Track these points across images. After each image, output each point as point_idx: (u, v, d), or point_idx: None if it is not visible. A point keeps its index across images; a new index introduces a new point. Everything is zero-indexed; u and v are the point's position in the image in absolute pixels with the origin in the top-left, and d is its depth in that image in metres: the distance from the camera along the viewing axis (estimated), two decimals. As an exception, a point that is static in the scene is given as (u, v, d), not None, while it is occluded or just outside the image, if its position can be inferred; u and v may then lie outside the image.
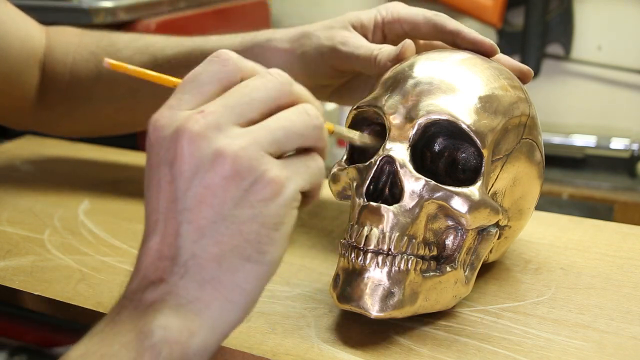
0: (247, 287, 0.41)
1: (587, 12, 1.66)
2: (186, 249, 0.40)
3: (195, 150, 0.40)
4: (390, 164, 0.53)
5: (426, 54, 0.60)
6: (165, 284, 0.40)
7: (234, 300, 0.41)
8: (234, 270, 0.40)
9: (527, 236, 0.69)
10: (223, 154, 0.40)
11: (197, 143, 0.40)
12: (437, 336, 0.53)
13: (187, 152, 0.40)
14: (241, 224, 0.40)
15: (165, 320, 0.39)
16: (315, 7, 1.92)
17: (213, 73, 0.42)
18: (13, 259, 0.68)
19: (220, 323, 0.41)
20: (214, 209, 0.40)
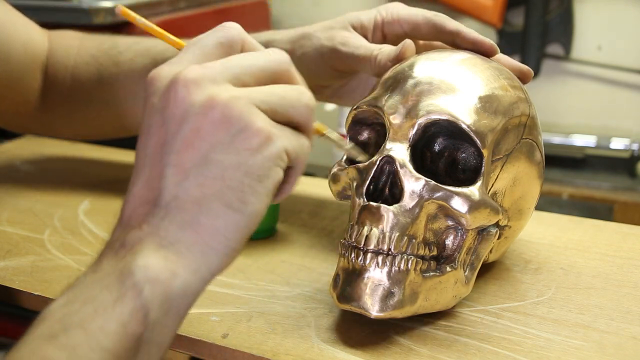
0: (228, 235, 0.41)
1: (587, 12, 1.66)
2: (169, 191, 0.41)
3: (188, 94, 0.41)
4: (390, 164, 0.53)
5: (426, 54, 0.60)
6: (146, 225, 0.41)
7: (215, 246, 0.41)
8: (214, 215, 0.41)
9: (527, 236, 0.69)
10: (215, 100, 0.41)
11: (190, 88, 0.41)
12: (437, 336, 0.53)
13: (180, 96, 0.41)
14: (225, 170, 0.41)
15: (145, 260, 0.40)
16: (315, 7, 1.92)
17: (216, 38, 0.44)
18: (13, 259, 0.68)
19: (201, 267, 0.41)
20: (199, 152, 0.41)
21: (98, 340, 0.38)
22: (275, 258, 0.67)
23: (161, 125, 0.42)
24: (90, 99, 0.81)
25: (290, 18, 1.96)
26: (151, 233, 0.41)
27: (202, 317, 0.57)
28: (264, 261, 0.66)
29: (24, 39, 0.79)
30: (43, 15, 1.38)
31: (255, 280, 0.63)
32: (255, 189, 0.42)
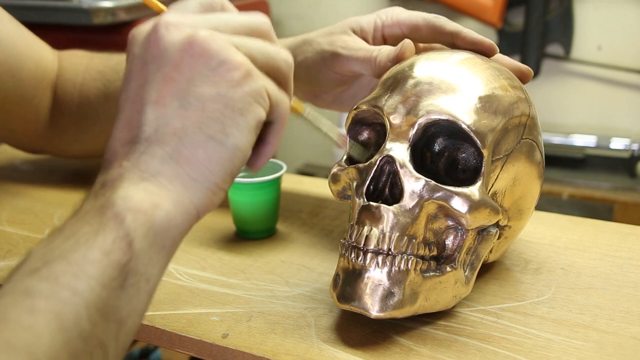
0: (210, 167, 0.42)
1: (587, 12, 1.66)
2: (149, 125, 0.41)
3: (167, 34, 0.42)
4: (390, 164, 0.53)
5: (426, 54, 0.60)
6: (126, 161, 0.41)
7: (196, 178, 0.42)
8: (195, 145, 0.41)
9: (527, 236, 0.69)
10: (194, 36, 0.42)
11: (170, 29, 0.42)
12: (437, 336, 0.53)
13: (160, 36, 0.42)
14: (205, 101, 0.42)
15: (125, 192, 0.40)
16: (315, 7, 1.92)
17: (197, 1, 0.45)
18: (13, 259, 0.68)
19: (184, 199, 0.41)
20: (179, 85, 0.42)
21: (81, 268, 0.37)
22: (275, 258, 0.67)
23: (142, 68, 0.43)
24: (97, 115, 0.81)
25: (290, 18, 1.96)
26: (131, 168, 0.41)
27: (202, 317, 0.57)
28: (264, 261, 0.66)
29: (36, 58, 0.79)
30: (43, 15, 1.38)
31: (255, 280, 0.63)
32: (237, 121, 0.42)
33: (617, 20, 1.64)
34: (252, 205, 0.69)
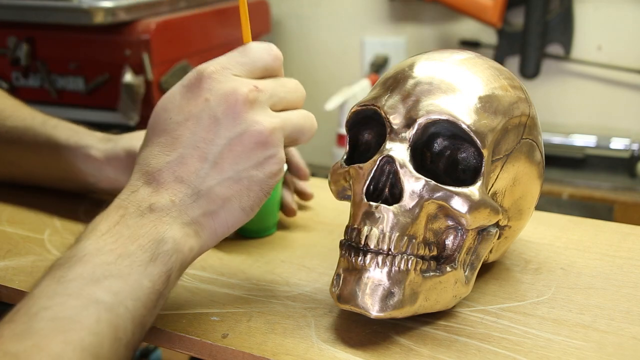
0: (230, 228, 0.52)
1: (587, 12, 1.66)
2: (206, 182, 0.50)
3: (244, 112, 0.51)
4: (390, 164, 0.53)
5: (426, 53, 0.60)
6: (177, 202, 0.50)
7: (218, 233, 0.52)
8: (231, 212, 0.52)
9: (527, 236, 0.69)
10: (264, 125, 0.51)
11: (246, 107, 0.51)
12: (437, 336, 0.53)
13: (238, 111, 0.51)
14: (251, 182, 0.51)
15: (175, 232, 0.49)
16: (315, 7, 1.91)
17: (265, 63, 0.54)
18: (13, 259, 0.68)
19: (206, 244, 0.52)
20: (239, 161, 0.51)
21: (135, 290, 0.46)
22: (275, 258, 0.67)
23: (214, 124, 0.51)
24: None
25: (290, 18, 1.96)
26: (180, 210, 0.50)
27: (202, 317, 0.57)
28: (264, 261, 0.66)
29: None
30: (43, 15, 1.38)
31: (255, 280, 0.63)
32: (262, 200, 0.53)
33: (617, 20, 1.64)
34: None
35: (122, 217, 0.49)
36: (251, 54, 0.54)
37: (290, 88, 0.55)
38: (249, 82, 0.52)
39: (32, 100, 1.37)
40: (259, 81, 0.53)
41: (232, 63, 0.53)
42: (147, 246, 0.48)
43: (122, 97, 1.35)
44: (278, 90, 0.54)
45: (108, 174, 0.75)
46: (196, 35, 1.49)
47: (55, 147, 0.76)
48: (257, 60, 0.54)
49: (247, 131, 0.50)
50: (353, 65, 1.91)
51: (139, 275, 0.47)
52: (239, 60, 0.53)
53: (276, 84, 0.54)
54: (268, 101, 0.52)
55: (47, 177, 0.81)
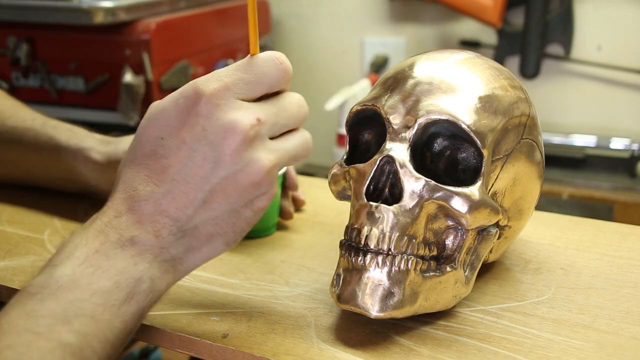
0: (210, 259, 0.50)
1: (587, 12, 1.66)
2: (192, 220, 0.48)
3: (242, 150, 0.47)
4: (390, 164, 0.53)
5: (426, 53, 0.60)
6: (160, 238, 0.48)
7: (197, 264, 0.50)
8: (215, 248, 0.49)
9: (527, 236, 0.69)
10: (259, 163, 0.47)
11: (245, 146, 0.47)
12: (437, 336, 0.53)
13: (237, 149, 0.47)
14: (239, 219, 0.49)
15: (154, 271, 0.48)
16: (315, 7, 1.91)
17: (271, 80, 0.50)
18: (13, 259, 0.68)
19: (181, 277, 0.50)
20: (230, 201, 0.48)
21: (104, 332, 0.45)
22: (275, 258, 0.67)
23: (208, 161, 0.47)
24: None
25: (290, 18, 1.96)
26: (162, 247, 0.48)
27: (202, 317, 0.57)
28: (264, 261, 0.66)
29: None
30: (43, 15, 1.38)
31: (255, 280, 0.63)
32: (245, 232, 0.50)
33: (617, 20, 1.64)
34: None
35: (102, 245, 0.47)
36: (257, 70, 0.49)
37: (292, 112, 0.50)
38: (251, 113, 0.47)
39: (32, 100, 1.37)
40: (262, 108, 0.48)
41: (235, 82, 0.48)
42: (124, 284, 0.46)
43: (122, 97, 1.35)
44: (280, 117, 0.50)
45: (108, 176, 0.74)
46: (196, 35, 1.49)
47: (56, 149, 0.76)
48: (263, 77, 0.49)
49: (243, 170, 0.47)
50: (353, 65, 1.91)
51: (112, 316, 0.45)
52: (244, 78, 0.49)
53: (279, 110, 0.50)
54: (268, 132, 0.49)
55: (47, 177, 0.81)
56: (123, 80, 1.33)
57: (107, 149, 0.74)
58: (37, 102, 1.43)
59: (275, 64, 0.50)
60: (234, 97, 0.48)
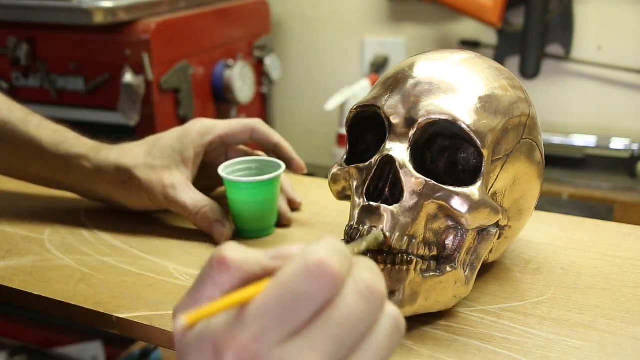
0: None
1: (587, 12, 1.66)
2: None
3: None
4: (391, 164, 0.53)
5: (426, 53, 0.60)
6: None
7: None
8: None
9: (527, 236, 0.69)
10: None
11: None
12: (437, 336, 0.53)
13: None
14: None
15: None
16: (315, 7, 1.91)
17: (316, 299, 0.33)
18: (13, 259, 0.68)
19: None
20: None
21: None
22: (275, 258, 0.67)
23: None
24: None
25: (290, 18, 1.96)
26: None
27: (202, 317, 0.56)
28: (264, 261, 0.66)
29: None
30: (43, 15, 1.38)
31: (255, 280, 0.63)
32: None
33: (617, 20, 1.64)
34: (250, 204, 0.69)
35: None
36: (293, 296, 0.32)
37: (355, 316, 0.33)
38: None
39: (32, 101, 1.37)
40: (316, 342, 0.32)
41: (269, 321, 0.32)
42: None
43: (122, 97, 1.34)
44: (342, 335, 0.33)
45: (96, 186, 0.74)
46: (196, 35, 1.49)
47: (39, 151, 0.74)
48: (304, 303, 0.32)
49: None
50: (353, 65, 1.91)
51: None
52: (278, 314, 0.32)
53: (335, 326, 0.33)
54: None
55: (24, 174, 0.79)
56: (123, 80, 1.33)
57: (98, 158, 0.73)
58: (37, 102, 1.43)
59: (313, 276, 0.32)
60: (272, 345, 0.32)
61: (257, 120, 0.76)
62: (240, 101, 1.55)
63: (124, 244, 0.70)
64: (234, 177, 0.70)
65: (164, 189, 0.71)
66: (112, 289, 0.62)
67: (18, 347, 1.49)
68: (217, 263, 0.35)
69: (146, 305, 0.59)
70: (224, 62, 1.53)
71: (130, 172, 0.71)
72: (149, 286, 0.62)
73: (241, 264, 0.35)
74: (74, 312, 0.60)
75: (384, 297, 0.34)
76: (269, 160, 0.73)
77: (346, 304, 0.33)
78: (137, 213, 0.75)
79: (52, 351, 1.47)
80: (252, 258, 0.35)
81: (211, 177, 0.74)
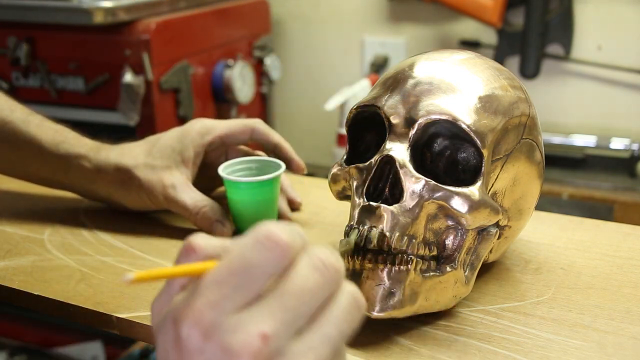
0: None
1: (587, 12, 1.66)
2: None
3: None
4: (391, 164, 0.53)
5: (426, 53, 0.60)
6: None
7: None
8: None
9: (527, 236, 0.69)
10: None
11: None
12: (437, 336, 0.53)
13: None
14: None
15: None
16: (315, 7, 1.91)
17: (266, 267, 0.34)
18: (13, 259, 0.68)
19: None
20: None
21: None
22: (275, 258, 0.67)
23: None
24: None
25: (290, 18, 1.96)
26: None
27: (202, 317, 0.56)
28: (264, 261, 0.66)
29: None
30: (43, 15, 1.38)
31: (255, 280, 0.63)
32: None
33: (617, 20, 1.64)
34: (250, 204, 0.69)
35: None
36: (244, 265, 0.34)
37: (312, 286, 0.35)
38: (253, 330, 0.33)
39: (32, 100, 1.37)
40: (266, 312, 0.33)
41: (223, 289, 0.33)
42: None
43: (122, 97, 1.34)
44: (298, 305, 0.34)
45: (96, 186, 0.74)
46: (196, 35, 1.49)
47: (40, 150, 0.74)
48: (255, 272, 0.34)
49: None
50: (353, 65, 1.91)
51: None
52: (230, 283, 0.34)
53: (291, 297, 0.34)
54: (288, 336, 0.34)
55: (25, 174, 0.79)
56: (123, 80, 1.33)
57: (98, 158, 0.73)
58: (37, 102, 1.43)
59: (264, 246, 0.34)
60: (224, 314, 0.33)
61: (257, 121, 0.75)
62: (240, 101, 1.55)
63: (124, 244, 0.70)
64: (234, 177, 0.70)
65: (164, 189, 0.71)
66: (112, 289, 0.62)
67: (18, 347, 1.49)
68: (185, 249, 0.37)
69: (146, 305, 0.59)
70: (224, 62, 1.54)
71: (130, 172, 0.72)
72: (149, 286, 0.62)
73: (205, 247, 0.36)
74: (74, 312, 0.60)
75: (339, 273, 0.36)
76: (269, 160, 0.73)
77: (299, 275, 0.35)
78: (137, 213, 0.75)
79: (52, 351, 1.47)
80: (216, 242, 0.37)
81: (211, 177, 0.74)
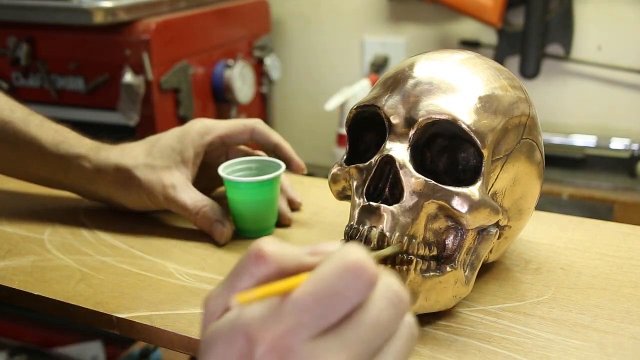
0: None
1: (587, 12, 1.66)
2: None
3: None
4: (391, 164, 0.53)
5: (426, 53, 0.60)
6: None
7: None
8: None
9: (527, 236, 0.69)
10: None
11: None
12: (437, 336, 0.53)
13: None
14: None
15: None
16: (315, 7, 1.91)
17: (353, 298, 0.33)
18: (13, 259, 0.68)
19: None
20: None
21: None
22: (275, 258, 0.67)
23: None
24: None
25: (290, 18, 1.96)
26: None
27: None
28: (264, 261, 0.66)
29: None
30: (43, 15, 1.38)
31: (255, 280, 0.63)
32: None
33: (617, 20, 1.64)
34: (250, 204, 0.69)
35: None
36: (331, 293, 0.32)
37: (384, 321, 0.34)
38: None
39: (32, 101, 1.37)
40: (345, 343, 0.32)
41: (305, 316, 0.32)
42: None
43: (122, 97, 1.34)
44: (370, 340, 0.33)
45: (96, 187, 0.74)
46: (196, 35, 1.49)
47: (40, 150, 0.74)
48: (340, 301, 0.32)
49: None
50: (353, 65, 1.91)
51: None
52: (314, 311, 0.32)
53: (366, 331, 0.33)
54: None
55: (25, 174, 0.79)
56: (123, 80, 1.33)
57: (98, 158, 0.73)
58: (37, 102, 1.43)
59: (351, 273, 0.32)
60: (302, 341, 0.32)
61: (257, 121, 0.75)
62: (240, 101, 1.55)
63: (124, 244, 0.70)
64: (234, 177, 0.70)
65: (164, 189, 0.71)
66: (112, 289, 0.62)
67: (18, 347, 1.49)
68: (255, 255, 0.35)
69: (146, 305, 0.59)
70: (224, 62, 1.54)
71: (130, 172, 0.72)
72: (149, 286, 0.62)
73: (278, 258, 0.35)
74: (74, 312, 0.60)
75: (408, 305, 0.35)
76: (269, 160, 0.73)
77: (376, 308, 0.34)
78: (137, 213, 0.75)
79: (52, 351, 1.47)
80: (289, 252, 0.35)
81: (211, 177, 0.74)
